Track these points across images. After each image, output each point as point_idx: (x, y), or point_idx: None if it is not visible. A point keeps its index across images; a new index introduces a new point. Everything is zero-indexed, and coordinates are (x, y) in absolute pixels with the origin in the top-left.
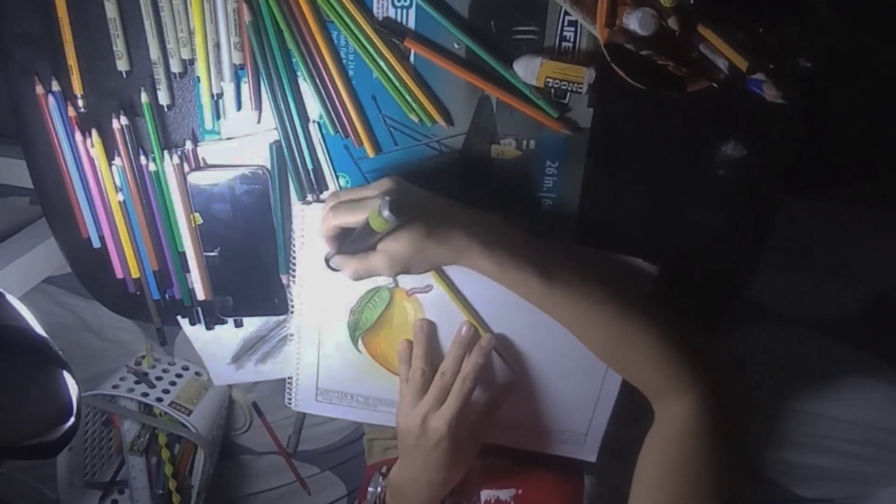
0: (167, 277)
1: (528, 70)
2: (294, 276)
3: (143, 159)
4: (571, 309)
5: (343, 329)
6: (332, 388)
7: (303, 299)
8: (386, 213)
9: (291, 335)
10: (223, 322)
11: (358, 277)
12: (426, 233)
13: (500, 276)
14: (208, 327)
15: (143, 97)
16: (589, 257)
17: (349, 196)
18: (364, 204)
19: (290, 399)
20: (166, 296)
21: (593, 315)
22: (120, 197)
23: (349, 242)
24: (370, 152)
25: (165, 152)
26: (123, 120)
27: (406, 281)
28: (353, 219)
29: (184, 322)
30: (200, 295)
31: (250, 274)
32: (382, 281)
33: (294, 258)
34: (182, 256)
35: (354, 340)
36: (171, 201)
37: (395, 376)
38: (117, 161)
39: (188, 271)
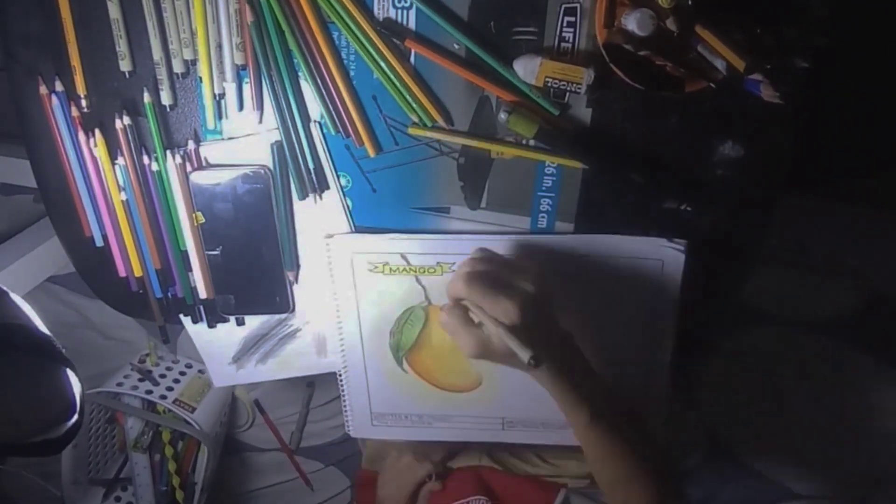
0: (170, 276)
1: (528, 69)
2: (297, 279)
3: (145, 159)
4: (601, 448)
5: (387, 352)
6: (386, 412)
7: (343, 327)
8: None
9: (292, 333)
10: (225, 320)
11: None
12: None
13: (556, 398)
14: (210, 325)
15: (146, 97)
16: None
17: (481, 292)
18: (495, 304)
19: (348, 426)
20: (169, 294)
21: (618, 458)
22: (123, 196)
23: None
24: (371, 152)
25: (168, 152)
26: (126, 120)
27: (438, 297)
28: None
29: (186, 320)
30: (202, 293)
31: (252, 272)
32: (414, 301)
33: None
34: (184, 255)
35: (399, 361)
36: (174, 200)
37: (444, 391)
38: (120, 160)
39: (190, 270)
